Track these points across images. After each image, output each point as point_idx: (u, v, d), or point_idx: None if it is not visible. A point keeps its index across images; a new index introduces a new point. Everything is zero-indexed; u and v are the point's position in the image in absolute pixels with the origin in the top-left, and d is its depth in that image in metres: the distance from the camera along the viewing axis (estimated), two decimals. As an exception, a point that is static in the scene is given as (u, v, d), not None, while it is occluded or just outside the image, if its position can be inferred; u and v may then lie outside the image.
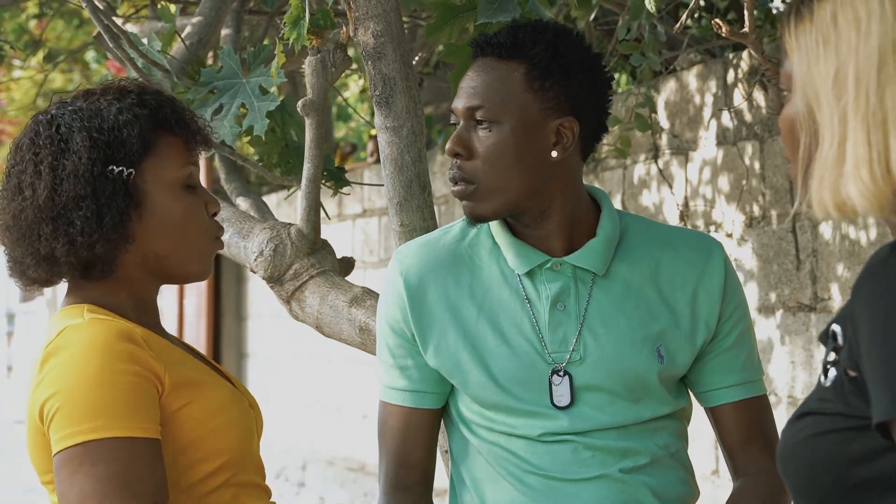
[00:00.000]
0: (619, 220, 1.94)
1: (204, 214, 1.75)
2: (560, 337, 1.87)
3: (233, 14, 3.23)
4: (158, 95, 1.74)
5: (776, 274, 3.77)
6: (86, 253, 1.65)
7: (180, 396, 1.62)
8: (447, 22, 2.36)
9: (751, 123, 3.87)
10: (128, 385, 1.55)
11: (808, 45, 1.26)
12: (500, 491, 1.88)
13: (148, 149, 1.68)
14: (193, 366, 1.71)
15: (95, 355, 1.55)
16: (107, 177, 1.65)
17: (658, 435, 1.90)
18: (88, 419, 1.52)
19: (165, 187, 1.70)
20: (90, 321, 1.60)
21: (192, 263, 1.74)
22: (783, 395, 3.73)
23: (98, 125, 1.66)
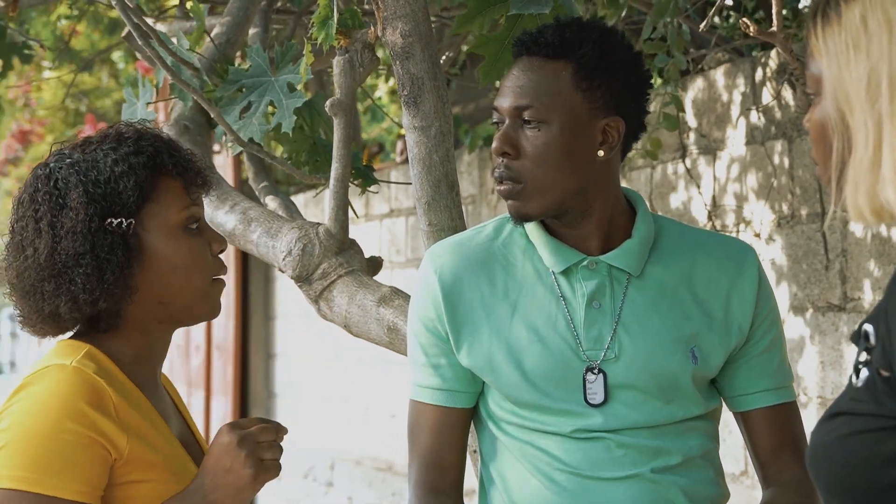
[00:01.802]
0: (654, 222, 1.94)
1: (207, 255, 1.73)
2: (595, 335, 1.87)
3: (261, 13, 3.24)
4: (156, 140, 1.72)
5: (805, 273, 3.75)
6: (89, 309, 1.66)
7: (135, 472, 1.62)
8: (479, 13, 2.35)
9: (779, 122, 3.85)
10: (73, 445, 1.55)
11: (838, 48, 1.25)
12: (530, 489, 1.88)
13: (146, 196, 1.68)
14: (162, 445, 1.67)
15: (54, 408, 1.56)
16: (105, 230, 1.65)
17: (690, 435, 1.90)
18: (25, 468, 1.54)
19: (166, 232, 1.70)
20: (73, 369, 1.60)
21: (196, 306, 1.73)
22: (813, 395, 3.71)
23: (94, 178, 1.66)
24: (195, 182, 1.74)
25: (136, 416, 1.63)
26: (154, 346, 1.75)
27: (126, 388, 1.66)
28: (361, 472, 6.85)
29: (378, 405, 6.55)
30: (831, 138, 1.26)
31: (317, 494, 7.29)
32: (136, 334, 1.71)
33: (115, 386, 1.63)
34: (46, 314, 1.67)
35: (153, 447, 1.64)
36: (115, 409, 1.60)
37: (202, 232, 1.74)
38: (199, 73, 2.81)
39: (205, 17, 2.84)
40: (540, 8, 2.26)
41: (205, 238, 1.74)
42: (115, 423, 1.59)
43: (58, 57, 5.59)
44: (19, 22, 4.51)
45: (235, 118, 2.73)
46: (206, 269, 1.73)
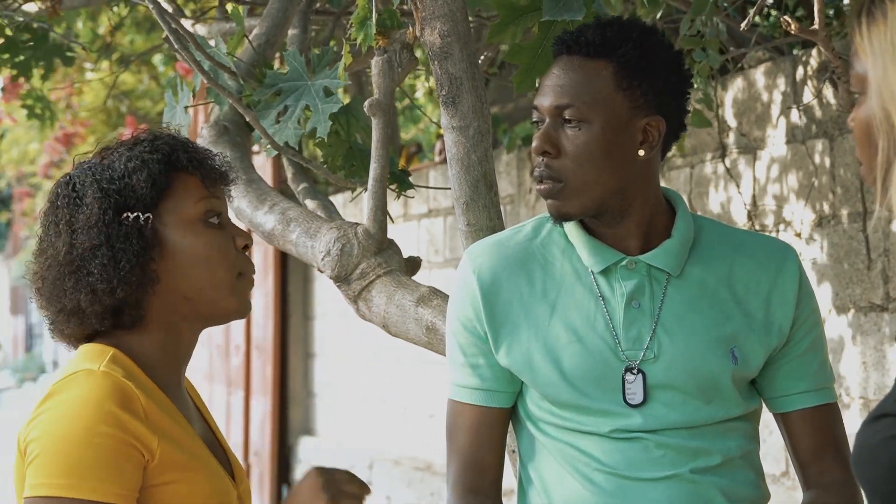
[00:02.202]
0: (693, 222, 1.94)
1: (230, 249, 1.73)
2: (634, 335, 1.86)
3: (300, 14, 3.25)
4: (172, 140, 1.75)
5: (847, 273, 3.72)
6: (108, 299, 1.67)
7: (166, 473, 1.62)
8: (511, 22, 2.35)
9: (820, 121, 3.82)
10: (108, 449, 1.57)
11: (884, 47, 1.23)
12: (569, 490, 1.87)
13: (162, 191, 1.70)
14: (190, 445, 1.68)
15: (87, 413, 1.57)
16: (120, 224, 1.67)
17: (729, 436, 1.89)
18: (61, 475, 1.55)
19: (184, 225, 1.71)
20: (101, 374, 1.61)
21: (222, 300, 1.72)
22: (855, 395, 3.68)
23: (108, 176, 1.69)
24: (211, 176, 1.74)
25: (163, 418, 1.64)
26: (179, 347, 1.74)
27: (151, 390, 1.67)
28: (400, 471, 6.86)
29: (416, 405, 6.56)
30: (876, 138, 1.24)
31: (356, 494, 7.29)
32: (162, 333, 1.72)
33: (144, 390, 1.64)
34: (69, 311, 1.69)
35: (182, 448, 1.65)
36: (144, 411, 1.61)
37: (224, 227, 1.75)
38: (236, 77, 2.83)
39: (244, 20, 2.85)
40: (573, 15, 2.25)
41: (227, 233, 1.75)
42: (146, 426, 1.60)
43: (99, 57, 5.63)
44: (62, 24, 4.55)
45: (272, 122, 2.74)
46: (229, 263, 1.73)
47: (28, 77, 4.06)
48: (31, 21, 3.81)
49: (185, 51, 2.72)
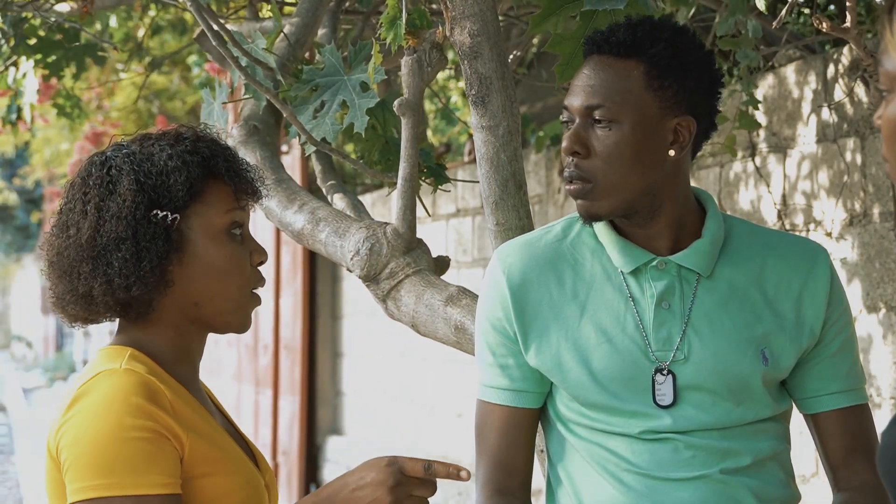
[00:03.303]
0: (724, 222, 1.93)
1: (246, 264, 1.73)
2: (664, 336, 1.86)
3: (329, 14, 3.26)
4: (213, 144, 1.74)
5: (878, 272, 3.70)
6: (122, 294, 1.66)
7: (199, 466, 1.63)
8: (553, 12, 2.34)
9: (852, 119, 3.80)
10: (141, 441, 1.56)
11: None
12: (598, 490, 1.87)
13: (195, 195, 1.69)
14: (217, 438, 1.69)
15: (115, 410, 1.57)
16: (150, 220, 1.66)
17: (760, 437, 1.88)
18: (101, 475, 1.55)
19: (209, 233, 1.70)
20: (124, 371, 1.61)
21: (228, 314, 1.72)
22: (886, 395, 3.66)
23: (147, 169, 1.68)
24: (244, 189, 1.74)
25: (189, 413, 1.65)
26: (190, 345, 1.74)
27: (173, 385, 1.67)
28: (428, 471, 6.86)
29: (444, 405, 6.56)
30: None
31: (384, 493, 7.30)
32: (170, 332, 1.71)
33: (165, 384, 1.64)
34: (80, 294, 1.68)
35: (210, 441, 1.65)
36: (171, 405, 1.61)
37: (245, 241, 1.74)
38: (273, 74, 2.83)
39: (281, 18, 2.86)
40: (614, 4, 2.24)
41: (246, 247, 1.74)
42: (174, 419, 1.60)
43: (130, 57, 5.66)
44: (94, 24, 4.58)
45: (309, 118, 2.75)
46: (243, 279, 1.72)
47: (60, 77, 4.08)
48: (63, 21, 3.83)
49: (222, 48, 2.72)
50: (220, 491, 1.64)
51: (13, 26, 3.76)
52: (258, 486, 1.72)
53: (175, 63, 8.27)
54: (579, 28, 2.32)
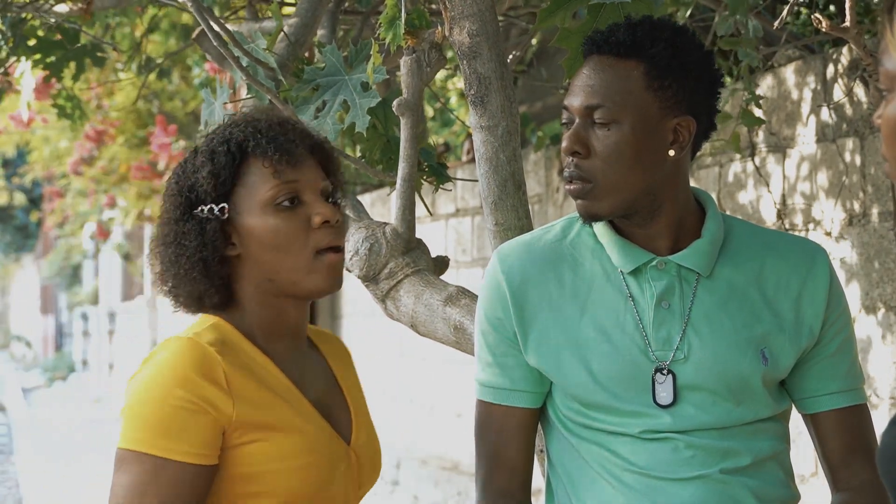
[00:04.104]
0: (723, 222, 1.93)
1: (302, 230, 1.77)
2: (664, 335, 1.86)
3: (328, 14, 3.26)
4: (247, 125, 1.80)
5: (877, 272, 3.70)
6: (189, 286, 1.79)
7: (247, 434, 1.72)
8: (560, 7, 2.34)
9: (851, 119, 3.80)
10: (181, 411, 1.68)
11: None
12: (598, 490, 1.87)
13: (234, 181, 1.78)
14: (276, 408, 1.76)
15: (166, 377, 1.70)
16: (192, 218, 1.78)
17: (760, 437, 1.88)
18: (136, 430, 1.69)
19: (255, 211, 1.77)
20: (187, 341, 1.73)
21: (301, 281, 1.78)
22: (884, 395, 3.66)
23: (181, 171, 1.81)
24: (284, 161, 1.78)
25: (248, 383, 1.73)
26: (281, 319, 1.81)
27: (249, 356, 1.77)
28: (427, 471, 6.87)
29: (444, 404, 6.56)
30: None
31: (383, 493, 7.32)
32: (257, 308, 1.80)
33: (232, 355, 1.74)
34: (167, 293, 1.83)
35: (263, 410, 1.73)
36: (225, 377, 1.71)
37: (300, 207, 1.78)
38: (275, 73, 2.83)
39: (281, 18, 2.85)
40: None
41: (302, 213, 1.78)
42: (222, 391, 1.70)
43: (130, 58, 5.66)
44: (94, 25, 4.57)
45: (310, 117, 2.75)
46: (300, 245, 1.77)
47: (59, 78, 4.08)
48: (62, 22, 3.84)
49: (223, 48, 2.72)
50: (272, 455, 1.72)
51: (12, 27, 3.76)
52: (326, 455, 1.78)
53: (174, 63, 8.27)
54: (586, 22, 2.32)
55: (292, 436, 1.74)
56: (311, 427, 1.78)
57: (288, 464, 1.73)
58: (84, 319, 21.29)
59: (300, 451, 1.75)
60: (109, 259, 18.51)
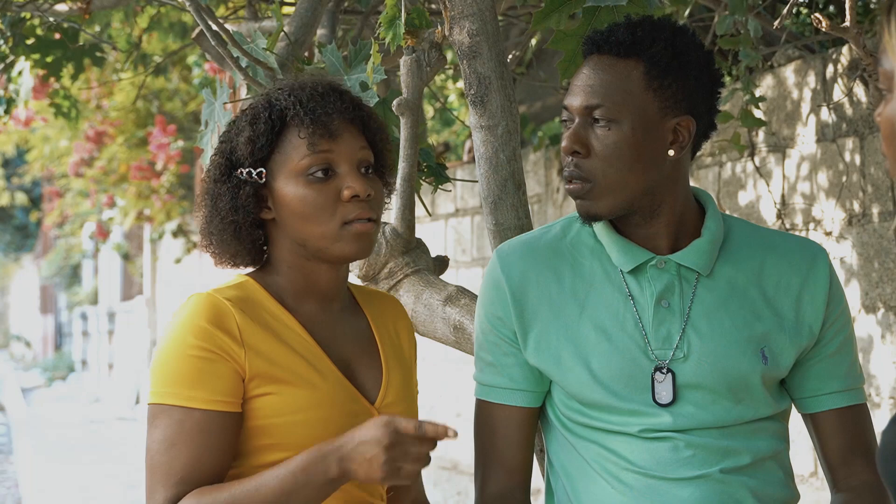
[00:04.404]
0: (723, 222, 1.93)
1: (330, 203, 1.80)
2: (664, 334, 1.86)
3: (328, 14, 3.26)
4: (291, 94, 1.83)
5: (877, 272, 3.70)
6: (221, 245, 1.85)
7: (259, 386, 1.76)
8: (556, 9, 2.34)
9: (851, 119, 3.80)
10: (198, 360, 1.73)
11: None
12: (598, 489, 1.87)
13: (272, 146, 1.82)
14: (292, 364, 1.78)
15: (183, 329, 1.76)
16: (230, 178, 1.83)
17: (759, 436, 1.88)
18: (160, 384, 1.75)
19: (289, 179, 1.81)
20: (205, 296, 1.79)
21: (329, 248, 1.81)
22: (885, 395, 3.66)
23: (227, 133, 1.87)
24: (317, 132, 1.80)
25: (263, 337, 1.78)
26: (311, 281, 1.86)
27: (271, 314, 1.82)
28: (426, 471, 6.87)
29: (443, 404, 6.56)
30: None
31: (383, 493, 7.31)
32: (289, 270, 1.86)
33: (251, 310, 1.79)
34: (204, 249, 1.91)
35: (277, 364, 1.77)
36: (238, 328, 1.76)
37: (334, 179, 1.81)
38: (274, 73, 2.83)
39: (279, 17, 2.85)
40: (617, 0, 2.24)
41: (334, 185, 1.81)
42: (234, 340, 1.75)
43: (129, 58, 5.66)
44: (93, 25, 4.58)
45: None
46: (328, 216, 1.80)
47: (58, 77, 4.08)
48: (61, 21, 3.83)
49: (222, 48, 2.72)
50: (283, 408, 1.76)
51: (12, 26, 3.76)
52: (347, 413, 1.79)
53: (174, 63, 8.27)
54: (581, 24, 2.32)
55: (304, 390, 1.77)
56: (326, 383, 1.80)
57: (298, 417, 1.76)
58: (83, 319, 21.28)
59: (311, 405, 1.77)
60: (109, 259, 18.51)
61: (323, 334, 1.85)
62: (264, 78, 2.81)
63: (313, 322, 1.85)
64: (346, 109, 1.84)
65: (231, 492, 1.69)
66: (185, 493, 1.70)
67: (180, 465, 1.71)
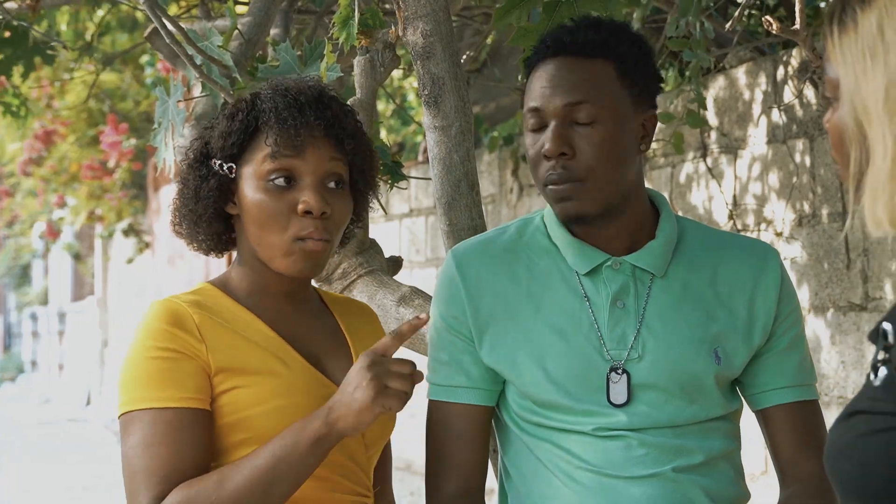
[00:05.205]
0: (677, 223, 1.95)
1: (285, 213, 1.78)
2: (619, 335, 1.87)
3: (281, 14, 3.25)
4: (273, 96, 1.81)
5: (827, 273, 3.74)
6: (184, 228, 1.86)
7: (225, 380, 1.76)
8: (516, 5, 2.34)
9: (801, 121, 3.84)
10: (162, 360, 1.73)
11: (854, 56, 1.23)
12: (551, 489, 1.87)
13: (244, 146, 1.82)
14: (255, 355, 1.79)
15: (142, 335, 1.76)
16: (208, 167, 1.84)
17: (712, 436, 1.90)
18: (128, 392, 1.74)
19: (251, 181, 1.81)
20: (163, 301, 1.79)
21: (276, 259, 1.81)
22: (834, 395, 3.70)
23: (211, 122, 1.88)
24: (282, 142, 1.79)
25: (222, 333, 1.78)
26: (266, 281, 1.85)
27: (231, 313, 1.82)
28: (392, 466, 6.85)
29: (398, 404, 6.55)
30: (849, 147, 1.24)
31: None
32: (248, 270, 1.86)
33: (208, 311, 1.80)
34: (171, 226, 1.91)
35: (240, 356, 1.77)
36: (196, 327, 1.76)
37: (294, 189, 1.80)
38: (229, 71, 2.82)
39: (232, 16, 2.84)
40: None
41: (292, 197, 1.79)
42: (194, 337, 1.75)
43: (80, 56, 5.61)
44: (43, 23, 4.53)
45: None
46: (280, 227, 1.79)
47: (9, 76, 4.04)
48: (11, 19, 3.79)
49: (176, 45, 2.70)
50: (251, 399, 1.75)
51: (-40, 24, 3.71)
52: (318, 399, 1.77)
53: (126, 62, 8.21)
54: (542, 21, 2.32)
55: (269, 378, 1.77)
56: (290, 370, 1.80)
57: (268, 406, 1.75)
58: (33, 320, 21.08)
59: (278, 394, 1.76)
60: (59, 259, 18.34)
61: (287, 330, 1.85)
62: (219, 76, 2.80)
63: (276, 319, 1.85)
64: (322, 122, 1.81)
65: (218, 473, 1.69)
66: (168, 490, 1.68)
67: (160, 464, 1.69)
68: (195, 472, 1.70)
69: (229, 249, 1.91)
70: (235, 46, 2.96)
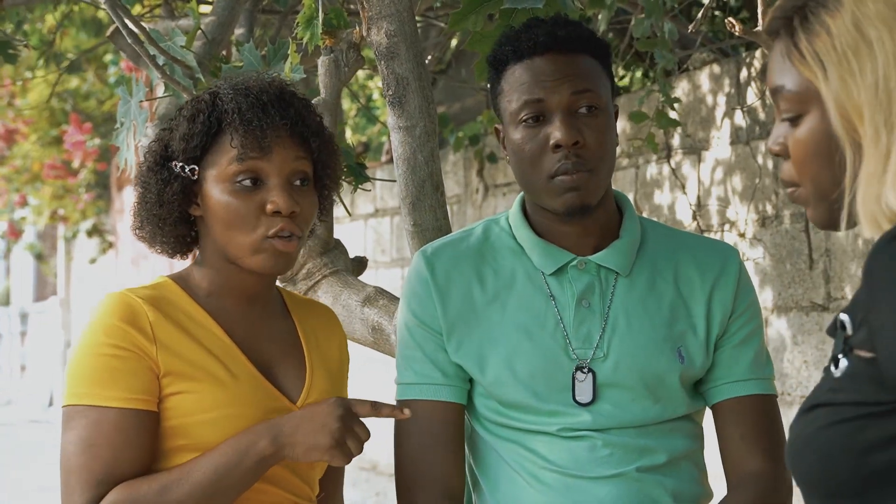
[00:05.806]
0: (640, 223, 1.96)
1: (253, 214, 1.77)
2: (584, 334, 1.87)
3: (246, 13, 3.24)
4: (234, 96, 1.80)
5: (789, 273, 3.76)
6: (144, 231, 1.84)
7: (172, 383, 1.74)
8: (473, 10, 2.34)
9: (764, 122, 3.87)
10: (111, 358, 1.72)
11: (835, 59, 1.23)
12: (516, 489, 1.87)
13: (207, 146, 1.79)
14: (204, 363, 1.77)
15: (95, 329, 1.74)
16: (169, 170, 1.81)
17: (675, 435, 1.90)
18: (74, 385, 1.73)
19: (217, 183, 1.79)
20: (117, 294, 1.77)
21: (246, 258, 1.80)
22: (796, 394, 3.72)
23: (168, 123, 1.85)
24: (248, 144, 1.77)
25: (175, 334, 1.76)
26: (235, 281, 1.84)
27: (186, 313, 1.80)
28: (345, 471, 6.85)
29: (363, 405, 6.54)
30: (834, 154, 1.24)
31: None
32: (211, 269, 1.84)
33: (164, 308, 1.78)
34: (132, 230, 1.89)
35: (189, 362, 1.76)
36: (150, 325, 1.75)
37: (261, 190, 1.79)
38: (192, 72, 2.80)
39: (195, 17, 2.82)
40: (534, 3, 2.25)
41: (260, 197, 1.78)
42: (146, 337, 1.74)
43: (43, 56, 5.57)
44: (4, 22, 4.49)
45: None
46: (249, 227, 1.78)
47: (-31, 74, 4.00)
48: (-29, 18, 3.75)
49: (138, 46, 2.69)
50: (194, 407, 1.74)
51: (-80, 22, 3.67)
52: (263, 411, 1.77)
53: (90, 61, 8.15)
54: (498, 26, 2.33)
55: (215, 387, 1.75)
56: (237, 381, 1.78)
57: (210, 415, 1.74)
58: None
59: (222, 404, 1.75)
60: (21, 259, 18.19)
61: (242, 334, 1.83)
62: (182, 76, 2.78)
63: (232, 322, 1.84)
64: (287, 121, 1.80)
65: (160, 481, 1.68)
66: (104, 493, 1.68)
67: (99, 466, 1.68)
68: (134, 474, 1.70)
69: (192, 250, 1.89)
70: (199, 46, 2.94)
